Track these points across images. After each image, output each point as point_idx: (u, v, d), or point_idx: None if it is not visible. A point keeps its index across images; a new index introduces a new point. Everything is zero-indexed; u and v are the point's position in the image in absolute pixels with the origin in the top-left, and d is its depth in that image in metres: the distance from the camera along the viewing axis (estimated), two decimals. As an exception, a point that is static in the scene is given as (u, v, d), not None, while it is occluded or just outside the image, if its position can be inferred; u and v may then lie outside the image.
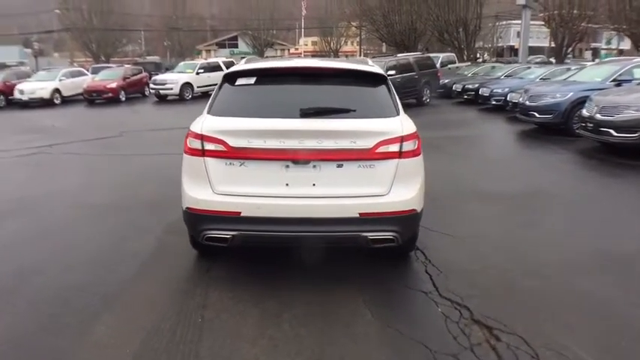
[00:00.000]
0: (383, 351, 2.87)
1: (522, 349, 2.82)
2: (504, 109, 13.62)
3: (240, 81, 3.76)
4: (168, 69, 28.95)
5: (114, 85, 21.00)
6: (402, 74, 15.67)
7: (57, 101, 20.82)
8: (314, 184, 3.37)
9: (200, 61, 25.14)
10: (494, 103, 14.47)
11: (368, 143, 3.30)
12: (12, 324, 3.27)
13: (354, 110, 3.47)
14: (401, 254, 4.10)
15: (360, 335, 3.03)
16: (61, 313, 3.41)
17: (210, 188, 3.45)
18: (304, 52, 57.01)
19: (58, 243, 4.74)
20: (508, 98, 13.26)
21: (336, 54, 49.21)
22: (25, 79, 21.97)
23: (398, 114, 3.54)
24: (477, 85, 16.09)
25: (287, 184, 3.37)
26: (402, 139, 3.35)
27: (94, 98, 20.94)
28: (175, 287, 3.77)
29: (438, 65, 21.84)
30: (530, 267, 3.92)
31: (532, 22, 27.17)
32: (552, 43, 32.13)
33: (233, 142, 3.37)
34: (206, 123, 3.51)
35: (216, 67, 22.14)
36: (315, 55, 56.16)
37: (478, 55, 43.53)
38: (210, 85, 20.62)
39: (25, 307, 3.50)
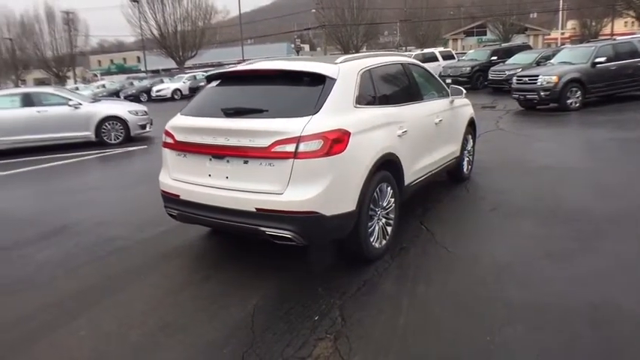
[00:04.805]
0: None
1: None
2: None
3: (211, 83, 4.25)
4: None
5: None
6: (618, 62, 12.91)
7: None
8: (227, 177, 3.62)
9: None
10: None
11: (264, 142, 3.37)
12: (58, 252, 4.67)
13: (267, 110, 3.57)
14: (358, 260, 3.95)
15: (207, 315, 3.25)
16: (85, 250, 4.65)
17: (168, 174, 4.08)
18: (561, 38, 50.65)
19: (128, 207, 6.18)
20: None
21: (595, 37, 42.31)
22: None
23: (314, 113, 3.44)
24: None
25: (209, 175, 3.73)
26: (298, 140, 3.31)
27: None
28: (163, 251, 4.53)
29: None
30: (466, 306, 3.23)
31: None
32: None
33: (178, 136, 3.92)
34: (171, 120, 4.12)
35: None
36: (572, 39, 49.56)
37: None
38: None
39: (74, 243, 4.89)
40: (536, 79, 12.87)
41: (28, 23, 51.66)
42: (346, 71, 3.87)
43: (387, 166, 4.00)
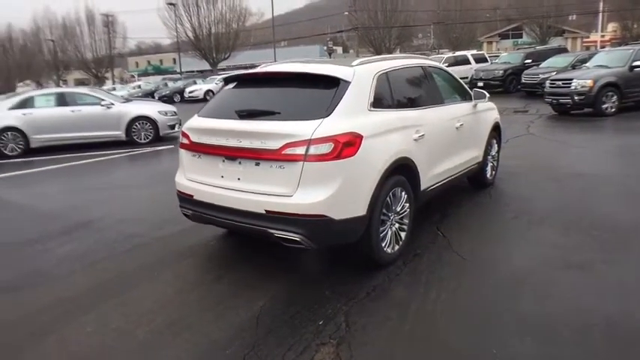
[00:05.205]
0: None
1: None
2: None
3: (228, 85, 4.28)
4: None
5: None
6: (660, 65, 12.39)
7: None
8: (239, 179, 3.63)
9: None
10: None
11: (275, 144, 3.36)
12: (78, 247, 4.81)
13: (279, 112, 3.57)
14: (369, 264, 3.89)
15: (214, 315, 3.25)
16: (105, 246, 4.74)
17: (184, 175, 4.12)
18: (601, 40, 48.98)
19: (150, 205, 6.30)
20: None
21: (636, 40, 40.68)
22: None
23: (326, 116, 3.41)
24: None
25: (222, 176, 3.75)
26: (308, 143, 3.28)
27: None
28: (179, 249, 4.58)
29: None
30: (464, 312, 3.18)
31: None
32: None
33: (193, 137, 3.96)
34: (188, 121, 4.17)
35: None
36: (612, 42, 47.88)
37: None
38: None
39: (95, 239, 5.02)
40: (570, 83, 12.47)
41: (70, 26, 53.58)
42: (361, 74, 3.82)
43: (402, 171, 3.93)
